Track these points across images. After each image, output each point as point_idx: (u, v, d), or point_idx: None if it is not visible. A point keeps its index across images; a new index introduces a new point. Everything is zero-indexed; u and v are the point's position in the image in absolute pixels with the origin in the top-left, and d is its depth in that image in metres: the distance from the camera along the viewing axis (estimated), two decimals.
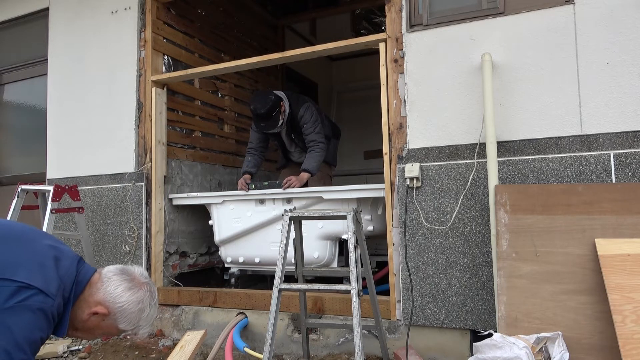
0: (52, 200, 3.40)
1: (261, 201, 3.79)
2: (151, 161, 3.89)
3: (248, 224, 3.81)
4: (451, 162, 2.91)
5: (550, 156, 2.70)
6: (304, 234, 2.83)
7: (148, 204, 3.89)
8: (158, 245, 3.88)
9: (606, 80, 2.63)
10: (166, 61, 4.16)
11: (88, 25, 4.25)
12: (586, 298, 2.29)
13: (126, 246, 3.89)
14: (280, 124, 3.88)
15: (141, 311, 1.60)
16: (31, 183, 3.78)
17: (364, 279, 2.68)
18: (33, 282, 1.39)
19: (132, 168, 3.93)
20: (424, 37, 3.04)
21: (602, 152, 2.60)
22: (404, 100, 3.07)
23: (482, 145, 2.78)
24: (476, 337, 2.67)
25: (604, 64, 2.64)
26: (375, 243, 4.09)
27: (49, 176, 4.31)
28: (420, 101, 3.02)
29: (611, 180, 2.57)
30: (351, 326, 2.67)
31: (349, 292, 2.33)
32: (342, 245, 3.69)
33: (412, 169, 2.95)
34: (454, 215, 2.86)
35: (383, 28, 3.59)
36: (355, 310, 2.26)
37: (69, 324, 1.54)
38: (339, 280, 3.48)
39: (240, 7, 5.33)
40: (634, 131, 2.55)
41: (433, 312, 2.90)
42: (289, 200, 3.69)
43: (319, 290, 3.08)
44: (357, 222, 2.53)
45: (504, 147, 2.79)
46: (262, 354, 2.47)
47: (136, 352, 3.38)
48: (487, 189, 2.72)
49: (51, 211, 3.39)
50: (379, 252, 4.12)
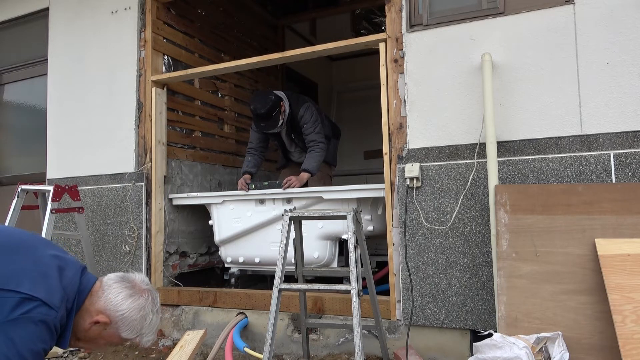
0: (52, 200, 3.40)
1: (261, 201, 3.79)
2: (151, 161, 3.89)
3: (248, 224, 3.81)
4: (451, 162, 2.91)
5: (550, 156, 2.70)
6: (304, 234, 2.83)
7: (148, 204, 3.89)
8: (158, 245, 3.88)
9: (606, 80, 2.63)
10: (166, 61, 4.16)
11: (88, 25, 4.25)
12: (586, 298, 2.29)
13: (126, 246, 3.89)
14: (280, 124, 3.87)
15: (143, 318, 1.59)
16: (31, 183, 3.77)
17: (364, 279, 2.68)
18: (36, 294, 1.38)
19: (132, 168, 3.93)
20: (424, 37, 3.04)
21: (602, 152, 2.60)
22: (404, 100, 3.07)
23: (482, 145, 2.78)
24: (476, 337, 2.67)
25: (604, 64, 2.64)
26: (375, 243, 4.09)
27: (49, 176, 4.31)
28: (420, 101, 3.02)
29: (611, 180, 2.57)
30: (351, 326, 2.67)
31: (349, 292, 2.33)
32: (342, 245, 3.69)
33: (412, 169, 2.95)
34: (454, 215, 2.86)
35: (383, 28, 3.58)
36: (355, 310, 2.26)
37: (71, 334, 1.53)
38: (339, 280, 3.48)
39: (240, 7, 5.33)
40: (634, 131, 2.55)
41: (433, 312, 2.90)
42: (289, 200, 3.69)
43: (319, 290, 3.08)
44: (357, 222, 2.53)
45: (504, 147, 2.79)
46: (262, 354, 2.47)
47: (136, 352, 3.38)
48: (487, 189, 2.72)
49: (51, 211, 3.39)
50: (379, 252, 4.11)
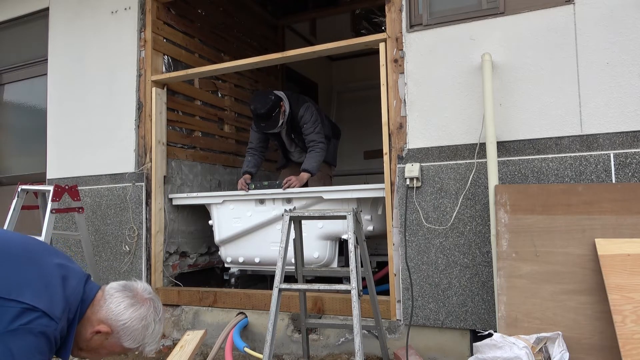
0: (52, 200, 3.39)
1: (261, 201, 3.79)
2: (151, 161, 3.89)
3: (248, 224, 3.81)
4: (451, 162, 2.91)
5: (550, 156, 2.70)
6: (304, 234, 2.83)
7: (148, 204, 3.88)
8: (158, 245, 3.88)
9: (606, 80, 2.62)
10: (166, 61, 4.16)
11: (88, 25, 4.24)
12: (586, 298, 2.29)
13: (126, 246, 3.89)
14: (280, 124, 3.87)
15: (145, 328, 1.57)
16: (31, 183, 3.77)
17: (364, 279, 2.68)
18: (38, 305, 1.37)
19: (132, 168, 3.93)
20: (424, 37, 3.04)
21: (602, 152, 2.60)
22: (404, 100, 3.07)
23: (482, 145, 2.77)
24: (476, 337, 2.67)
25: (604, 64, 2.64)
26: (375, 243, 4.09)
27: (49, 176, 4.31)
28: (420, 101, 3.02)
29: (611, 180, 2.57)
30: (351, 326, 2.67)
31: (349, 292, 2.33)
32: (342, 245, 3.69)
33: (412, 169, 2.95)
34: (454, 215, 2.86)
35: (383, 28, 3.58)
36: (355, 310, 2.26)
37: (74, 344, 1.52)
38: (339, 280, 3.48)
39: (240, 7, 5.33)
40: (634, 131, 2.55)
41: (433, 312, 2.90)
42: (289, 200, 3.69)
43: (319, 290, 3.08)
44: (357, 222, 2.53)
45: (504, 147, 2.79)
46: (262, 354, 2.47)
47: (136, 352, 3.37)
48: (487, 189, 2.72)
49: (51, 211, 3.38)
50: (379, 252, 4.11)
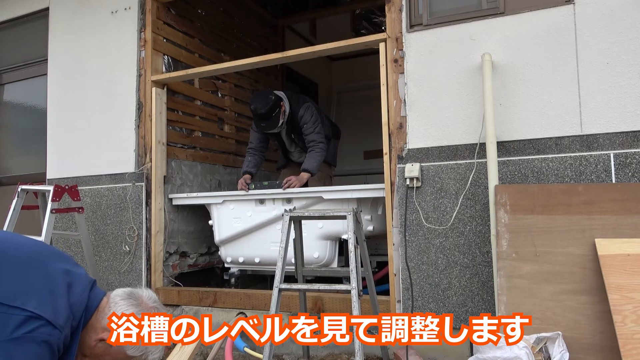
0: (52, 200, 3.39)
1: (261, 201, 3.79)
2: (151, 161, 3.89)
3: (248, 224, 3.80)
4: (451, 162, 2.91)
5: (550, 156, 2.70)
6: (304, 234, 2.83)
7: (148, 204, 3.88)
8: (158, 245, 3.88)
9: (606, 80, 2.62)
10: (166, 61, 4.16)
11: (88, 25, 4.24)
12: (586, 298, 2.29)
13: (126, 246, 3.89)
14: (280, 124, 3.87)
15: None
16: (31, 183, 3.77)
17: (364, 279, 2.68)
18: (42, 313, 1.37)
19: (132, 168, 3.93)
20: (424, 37, 3.04)
21: (602, 152, 2.60)
22: (404, 100, 3.07)
23: (482, 145, 2.77)
24: None
25: (604, 64, 2.64)
26: (375, 243, 4.09)
27: (49, 176, 4.31)
28: (420, 101, 3.02)
29: (611, 180, 2.57)
30: None
31: (349, 292, 2.33)
32: (342, 245, 3.69)
33: (412, 169, 2.95)
34: (454, 215, 2.86)
35: (383, 28, 3.58)
36: (356, 310, 2.26)
37: (78, 351, 1.51)
38: (339, 280, 3.47)
39: (240, 7, 5.33)
40: (634, 131, 2.55)
41: (433, 312, 2.89)
42: (289, 200, 3.69)
43: (319, 290, 3.08)
44: (357, 222, 2.53)
45: (504, 147, 2.79)
46: (262, 354, 2.47)
47: None
48: (487, 189, 2.72)
49: (51, 211, 3.38)
50: (379, 252, 4.11)
